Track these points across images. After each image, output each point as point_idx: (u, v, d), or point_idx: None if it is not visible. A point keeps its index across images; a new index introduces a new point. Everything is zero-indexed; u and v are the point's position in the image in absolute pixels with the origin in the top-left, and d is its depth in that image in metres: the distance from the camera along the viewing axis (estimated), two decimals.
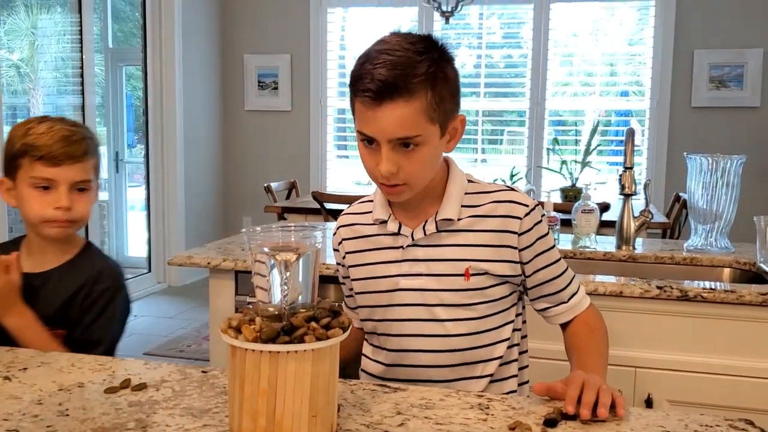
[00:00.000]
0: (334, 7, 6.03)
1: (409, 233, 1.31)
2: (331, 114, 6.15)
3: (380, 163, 1.21)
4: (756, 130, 5.32)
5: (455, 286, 1.29)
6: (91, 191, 1.56)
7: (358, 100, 1.21)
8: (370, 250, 1.36)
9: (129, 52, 6.31)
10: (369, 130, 1.21)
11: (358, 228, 1.40)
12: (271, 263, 0.96)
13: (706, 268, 2.20)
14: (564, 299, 1.36)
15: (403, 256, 1.32)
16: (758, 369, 1.77)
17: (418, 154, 1.21)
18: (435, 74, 1.18)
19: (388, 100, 1.17)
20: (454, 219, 1.29)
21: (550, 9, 5.57)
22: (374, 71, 1.17)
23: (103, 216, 5.99)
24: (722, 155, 2.22)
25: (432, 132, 1.21)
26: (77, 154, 1.51)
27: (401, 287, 1.32)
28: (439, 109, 1.20)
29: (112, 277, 1.61)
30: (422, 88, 1.17)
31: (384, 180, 1.23)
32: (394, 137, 1.19)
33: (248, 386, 0.92)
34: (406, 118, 1.17)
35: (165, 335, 4.47)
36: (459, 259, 1.29)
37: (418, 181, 1.25)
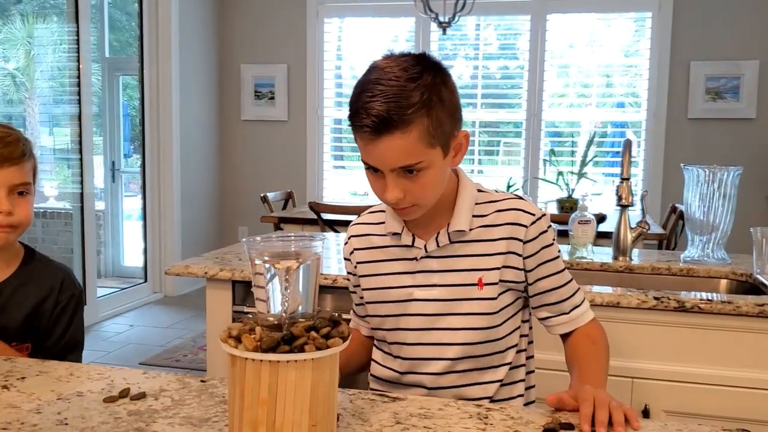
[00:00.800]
0: (331, 18, 6.05)
1: (422, 245, 1.34)
2: (327, 124, 6.16)
3: (387, 190, 1.23)
4: (752, 141, 5.34)
5: (469, 295, 1.31)
6: (31, 195, 1.52)
7: (357, 135, 1.23)
8: (383, 261, 1.38)
9: (126, 61, 6.32)
10: (372, 161, 1.23)
11: (371, 239, 1.41)
12: (271, 272, 0.96)
13: (702, 279, 2.20)
14: (565, 310, 1.37)
15: (417, 268, 1.34)
16: (755, 380, 1.77)
17: (423, 178, 1.23)
18: (429, 100, 1.18)
19: (386, 134, 1.17)
20: (466, 230, 1.32)
21: (546, 20, 5.60)
22: (368, 106, 1.17)
23: (99, 226, 5.97)
24: (719, 166, 2.23)
25: (434, 155, 1.22)
26: (15, 156, 1.46)
27: (416, 297, 1.34)
28: (438, 132, 1.21)
29: (73, 283, 1.60)
30: (418, 117, 1.17)
31: (393, 205, 1.27)
32: (396, 167, 1.21)
33: (248, 395, 0.92)
34: (406, 149, 1.19)
35: (161, 345, 4.45)
36: (472, 269, 1.32)
37: (426, 201, 1.28)
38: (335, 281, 2.02)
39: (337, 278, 2.02)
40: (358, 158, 1.28)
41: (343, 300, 2.05)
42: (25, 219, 1.49)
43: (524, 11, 5.65)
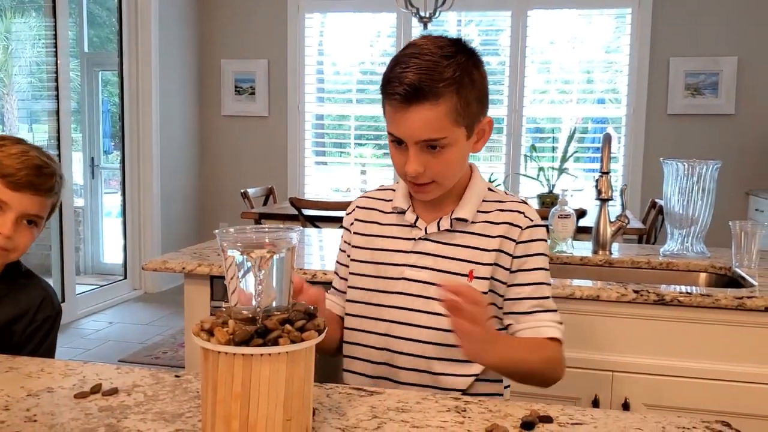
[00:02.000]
0: (312, 13, 6.02)
1: (423, 227, 1.35)
2: (309, 120, 6.13)
3: (408, 162, 1.26)
4: (731, 136, 5.38)
5: None
6: (38, 228, 1.49)
7: (387, 103, 1.27)
8: (381, 236, 1.40)
9: (105, 57, 6.25)
10: (397, 131, 1.26)
11: (374, 213, 1.43)
12: (245, 265, 0.94)
13: (682, 273, 2.21)
14: (529, 322, 1.33)
15: (413, 248, 1.36)
16: (734, 372, 1.78)
17: (444, 155, 1.26)
18: (461, 78, 1.23)
19: (415, 104, 1.21)
20: (469, 220, 1.34)
21: (527, 16, 5.61)
22: (403, 75, 1.22)
23: (78, 222, 5.91)
24: (698, 160, 2.24)
25: (458, 134, 1.26)
26: (43, 188, 1.45)
27: (406, 277, 1.35)
28: (465, 112, 1.25)
29: (51, 304, 1.55)
30: (448, 92, 1.22)
31: (411, 179, 1.29)
32: (421, 139, 1.24)
33: (221, 390, 0.90)
34: (433, 121, 1.22)
35: (141, 342, 4.41)
36: (465, 260, 1.32)
37: (445, 180, 1.30)
38: (315, 276, 2.00)
39: (316, 273, 2.00)
40: (340, 154, 1.29)
41: None
42: (22, 248, 1.46)
43: (505, 7, 5.65)
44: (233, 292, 0.96)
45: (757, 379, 1.77)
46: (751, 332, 1.77)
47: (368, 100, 6.09)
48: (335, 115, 6.25)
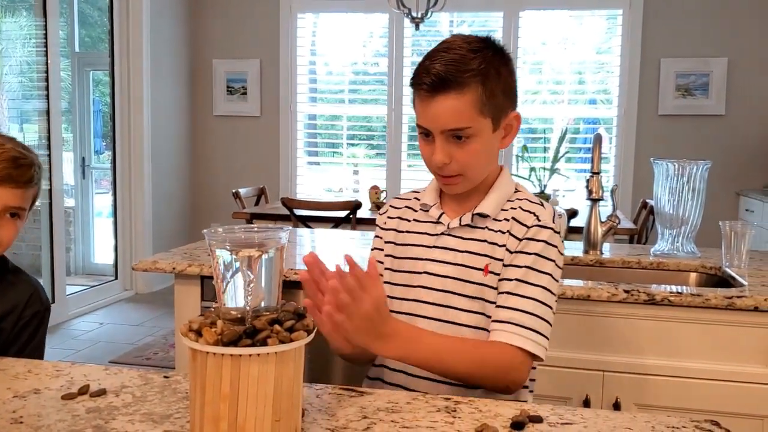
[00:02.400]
0: (305, 13, 6.02)
1: (446, 222, 1.37)
2: (301, 120, 6.12)
3: (434, 152, 1.29)
4: (721, 137, 5.40)
5: (474, 279, 1.33)
6: (22, 220, 1.48)
7: (416, 94, 1.31)
8: (408, 232, 1.42)
9: (96, 56, 6.23)
10: (424, 121, 1.29)
11: (405, 211, 1.46)
12: (234, 266, 0.94)
13: (672, 273, 2.21)
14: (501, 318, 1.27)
15: (436, 243, 1.38)
16: (725, 372, 1.78)
17: (470, 146, 1.28)
18: (487, 70, 1.26)
19: (441, 93, 1.25)
20: (490, 216, 1.35)
21: (519, 17, 5.61)
22: (430, 66, 1.26)
23: (69, 222, 5.89)
24: (688, 161, 2.24)
25: (483, 125, 1.28)
26: (23, 179, 1.44)
27: (428, 271, 1.36)
28: (490, 103, 1.27)
29: (40, 300, 1.55)
30: (473, 83, 1.25)
31: (438, 170, 1.32)
32: (446, 128, 1.27)
33: (209, 390, 0.90)
34: (458, 110, 1.26)
35: (131, 343, 4.39)
36: (481, 254, 1.33)
37: (472, 172, 1.32)
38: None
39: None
40: (333, 154, 1.30)
41: None
42: (7, 241, 1.45)
43: (497, 8, 5.66)
44: (222, 293, 0.96)
45: (746, 378, 1.78)
46: (741, 332, 1.78)
47: (361, 101, 6.09)
48: (328, 115, 6.25)
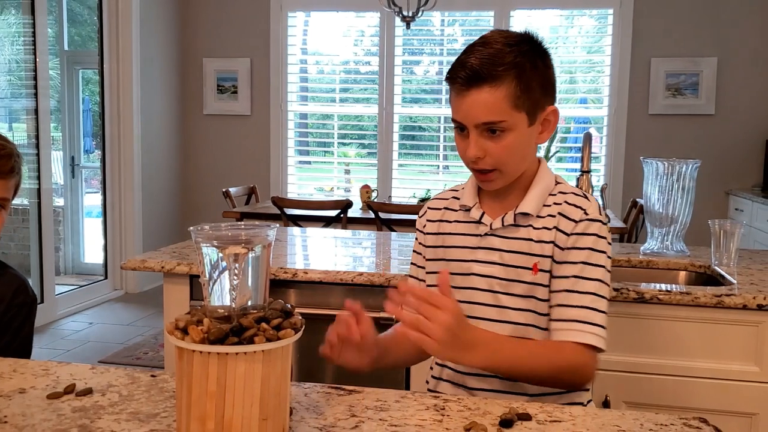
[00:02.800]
0: (295, 11, 6.00)
1: (489, 222, 1.35)
2: (291, 119, 6.11)
3: (468, 147, 1.28)
4: (711, 136, 5.42)
5: (523, 278, 1.31)
6: (5, 210, 1.48)
7: (451, 88, 1.29)
8: (450, 234, 1.41)
9: (86, 55, 6.20)
10: (458, 116, 1.29)
11: (445, 212, 1.44)
12: (221, 265, 0.93)
13: (662, 271, 2.22)
14: (564, 316, 1.27)
15: (480, 244, 1.36)
16: (713, 370, 1.79)
17: (504, 141, 1.27)
18: (522, 64, 1.25)
19: (475, 87, 1.24)
20: (533, 214, 1.32)
21: (510, 16, 5.62)
22: (466, 60, 1.26)
23: (58, 222, 5.85)
24: (678, 159, 2.25)
25: (518, 119, 1.26)
26: (3, 170, 1.44)
27: (474, 272, 1.35)
28: (525, 96, 1.26)
29: (26, 292, 1.55)
30: (508, 76, 1.24)
31: (473, 165, 1.31)
32: (480, 122, 1.26)
33: (196, 389, 0.89)
34: (491, 104, 1.24)
35: (121, 343, 4.37)
36: (529, 253, 1.31)
37: (507, 168, 1.30)
38: (295, 275, 1.99)
39: (297, 272, 1.99)
40: (324, 154, 1.29)
41: (304, 295, 2.02)
42: None
43: (488, 7, 5.66)
44: (209, 291, 0.95)
45: (735, 376, 1.78)
46: (730, 330, 1.78)
47: (352, 100, 6.08)
48: (319, 114, 6.23)
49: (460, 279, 1.36)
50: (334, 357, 1.25)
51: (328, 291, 2.01)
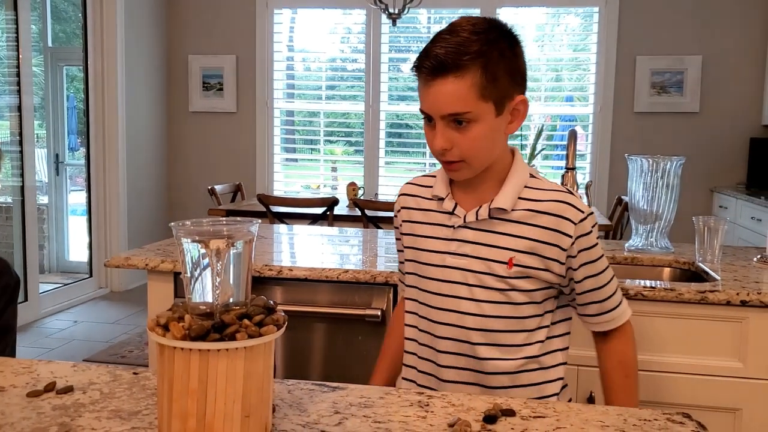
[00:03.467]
0: (281, 8, 5.98)
1: (462, 215, 1.34)
2: (278, 116, 6.09)
3: (435, 138, 1.26)
4: (695, 134, 5.46)
5: (497, 271, 1.31)
6: None
7: (418, 78, 1.27)
8: (424, 223, 1.40)
9: (70, 52, 6.15)
10: (425, 106, 1.27)
11: (419, 199, 1.43)
12: (202, 262, 0.92)
13: (646, 268, 2.23)
14: (605, 309, 1.37)
15: (453, 236, 1.35)
16: (697, 366, 1.80)
17: (471, 132, 1.25)
18: (489, 52, 1.22)
19: (440, 77, 1.22)
20: (508, 209, 1.31)
21: (496, 14, 5.62)
22: (432, 50, 1.23)
23: (42, 220, 5.81)
24: (662, 156, 2.26)
25: (485, 109, 1.24)
26: None
27: (447, 264, 1.35)
28: (492, 86, 1.23)
29: (10, 273, 1.58)
30: (473, 66, 1.21)
31: (440, 156, 1.28)
32: (446, 113, 1.24)
33: (177, 386, 0.88)
34: (457, 95, 1.22)
35: (106, 341, 4.34)
36: (505, 248, 1.31)
37: (474, 159, 1.28)
38: (280, 272, 1.98)
39: (282, 269, 1.98)
40: (310, 151, 1.28)
41: (290, 292, 2.02)
42: None
43: (474, 5, 5.67)
44: (190, 287, 0.94)
45: (718, 372, 1.79)
46: (713, 326, 1.79)
47: (339, 97, 6.07)
48: (305, 112, 6.22)
49: (433, 270, 1.36)
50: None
51: (314, 288, 2.00)
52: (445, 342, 1.35)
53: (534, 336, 1.33)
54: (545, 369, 1.36)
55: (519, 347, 1.32)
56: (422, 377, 1.40)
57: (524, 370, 1.33)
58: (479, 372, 1.33)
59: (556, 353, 1.37)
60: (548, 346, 1.36)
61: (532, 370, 1.34)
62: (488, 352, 1.32)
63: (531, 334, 1.33)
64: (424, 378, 1.39)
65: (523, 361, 1.33)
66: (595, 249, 1.33)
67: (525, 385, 1.34)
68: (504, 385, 1.33)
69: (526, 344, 1.33)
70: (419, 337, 1.40)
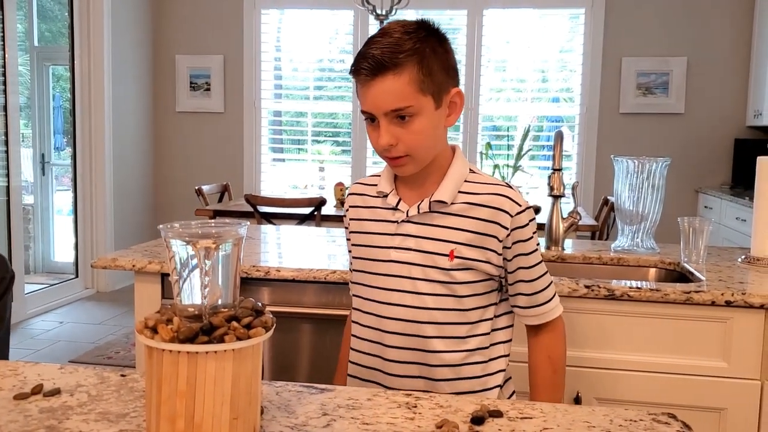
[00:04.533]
0: (269, 9, 5.97)
1: (405, 209, 1.38)
2: (265, 116, 6.08)
3: (380, 136, 1.30)
4: (681, 135, 5.50)
5: (439, 264, 1.35)
6: None
7: (356, 81, 1.32)
8: (371, 220, 1.44)
9: (56, 51, 6.11)
10: (367, 106, 1.31)
11: (366, 198, 1.47)
12: (191, 263, 0.92)
13: (632, 268, 2.24)
14: (536, 302, 1.41)
15: (397, 230, 1.39)
16: (683, 366, 1.81)
17: (414, 125, 1.29)
18: (422, 49, 1.28)
19: (379, 76, 1.27)
20: (448, 202, 1.36)
21: (483, 15, 5.64)
22: (368, 52, 1.29)
23: (28, 220, 5.77)
24: (648, 157, 2.27)
25: (425, 103, 1.29)
26: None
27: (392, 259, 1.38)
28: (429, 80, 1.29)
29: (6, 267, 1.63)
30: (409, 62, 1.27)
31: (386, 153, 1.32)
32: (389, 109, 1.28)
33: (166, 388, 0.88)
34: (397, 91, 1.27)
35: (92, 342, 4.32)
36: (446, 240, 1.35)
37: (418, 152, 1.32)
38: (268, 273, 1.98)
39: (270, 270, 1.98)
40: (298, 151, 1.30)
41: (277, 293, 2.02)
42: None
43: (461, 6, 5.68)
44: (179, 289, 0.94)
45: (704, 372, 1.81)
46: (699, 326, 1.81)
47: (326, 97, 6.06)
48: (293, 112, 6.21)
49: (378, 265, 1.40)
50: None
51: (302, 289, 2.00)
52: (393, 337, 1.38)
53: (477, 328, 1.38)
54: (487, 362, 1.40)
55: (463, 339, 1.37)
56: (366, 372, 1.42)
57: (468, 362, 1.37)
58: (425, 365, 1.36)
59: (499, 345, 1.42)
60: (491, 339, 1.40)
61: (476, 363, 1.38)
62: (440, 345, 1.36)
63: (474, 326, 1.37)
64: (367, 372, 1.42)
65: (467, 353, 1.37)
66: (530, 242, 1.38)
67: (468, 377, 1.38)
68: (447, 378, 1.36)
69: (469, 336, 1.37)
70: (364, 334, 1.43)
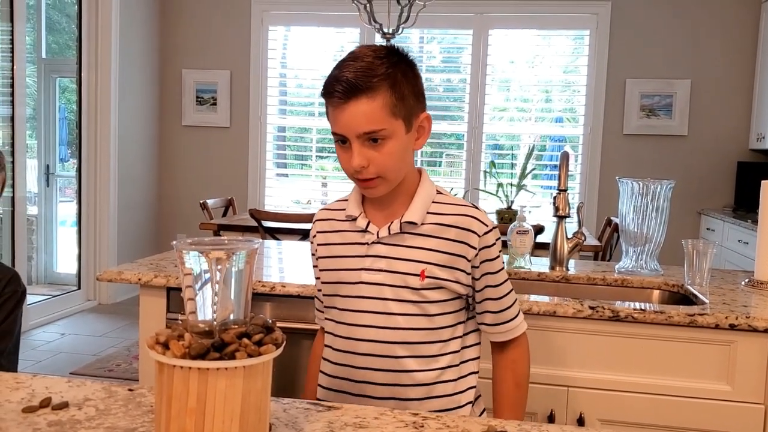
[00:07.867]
0: (276, 26, 6.02)
1: (375, 231, 1.40)
2: (270, 131, 6.11)
3: (352, 157, 1.32)
4: (684, 157, 5.51)
5: (410, 284, 1.36)
6: None
7: (329, 103, 1.33)
8: (340, 244, 1.45)
9: (63, 63, 6.15)
10: (339, 128, 1.32)
11: (333, 222, 1.48)
12: (203, 277, 0.93)
13: (636, 290, 2.25)
14: (501, 320, 1.44)
15: (367, 252, 1.40)
16: (686, 388, 1.81)
17: (386, 148, 1.32)
18: (394, 74, 1.31)
19: (353, 99, 1.29)
20: (418, 223, 1.38)
21: (488, 35, 5.68)
22: (341, 75, 1.30)
23: (32, 231, 5.78)
24: (652, 180, 2.28)
25: (396, 126, 1.32)
26: None
27: (363, 280, 1.39)
28: (401, 104, 1.32)
29: (19, 282, 1.67)
30: (382, 86, 1.29)
31: (358, 175, 1.34)
32: (362, 131, 1.30)
33: (176, 404, 0.89)
34: (371, 114, 1.29)
35: (94, 354, 4.32)
36: (417, 261, 1.37)
37: (390, 174, 1.34)
38: (273, 288, 1.99)
39: (275, 286, 1.99)
40: (302, 166, 1.31)
41: (282, 308, 2.02)
42: None
43: (467, 26, 5.72)
44: (190, 304, 0.95)
45: (707, 394, 1.81)
46: (702, 348, 1.81)
47: None
48: (297, 128, 6.24)
49: (349, 288, 1.41)
50: None
51: (306, 305, 2.01)
52: (364, 358, 1.38)
53: (448, 346, 1.39)
54: (457, 380, 1.41)
55: (435, 357, 1.38)
56: (333, 395, 1.42)
57: (440, 381, 1.39)
58: (397, 385, 1.37)
59: (469, 363, 1.44)
60: (461, 356, 1.42)
61: (448, 381, 1.39)
62: (412, 364, 1.37)
63: (445, 345, 1.39)
64: (334, 396, 1.42)
65: (439, 371, 1.38)
66: (496, 261, 1.41)
67: (440, 396, 1.39)
68: (419, 397, 1.37)
69: (441, 354, 1.39)
70: (335, 357, 1.43)
